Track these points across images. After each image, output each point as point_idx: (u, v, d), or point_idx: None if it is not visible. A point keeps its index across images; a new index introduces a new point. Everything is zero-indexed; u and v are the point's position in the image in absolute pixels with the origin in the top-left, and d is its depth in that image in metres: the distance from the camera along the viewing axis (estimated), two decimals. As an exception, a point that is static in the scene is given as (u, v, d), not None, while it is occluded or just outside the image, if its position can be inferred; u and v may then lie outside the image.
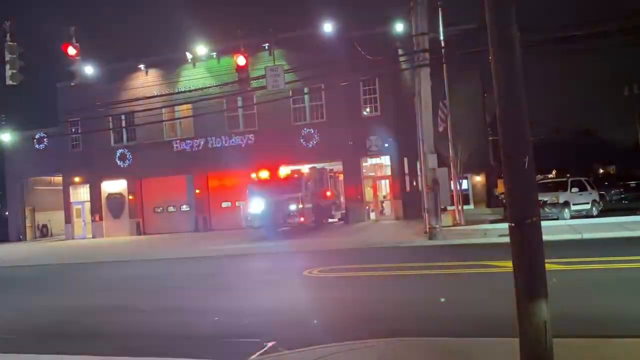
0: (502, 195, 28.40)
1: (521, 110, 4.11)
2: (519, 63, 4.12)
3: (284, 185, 21.74)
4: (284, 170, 22.41)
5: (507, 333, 4.89)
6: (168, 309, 9.48)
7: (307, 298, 9.47)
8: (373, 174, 28.63)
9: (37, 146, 33.11)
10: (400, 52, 23.66)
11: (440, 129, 21.24)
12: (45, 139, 32.55)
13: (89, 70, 24.64)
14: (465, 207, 24.37)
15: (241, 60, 17.13)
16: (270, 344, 6.44)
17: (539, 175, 32.56)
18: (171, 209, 30.09)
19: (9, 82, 14.54)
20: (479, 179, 35.25)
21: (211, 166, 28.43)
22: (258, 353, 6.10)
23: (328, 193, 25.38)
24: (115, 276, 15.14)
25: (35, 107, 29.17)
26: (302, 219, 21.39)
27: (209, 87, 24.41)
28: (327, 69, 23.45)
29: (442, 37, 21.22)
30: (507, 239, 4.29)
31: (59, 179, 33.35)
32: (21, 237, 34.59)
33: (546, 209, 20.35)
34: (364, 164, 27.75)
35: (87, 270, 17.15)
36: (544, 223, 4.32)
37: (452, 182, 22.38)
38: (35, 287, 14.03)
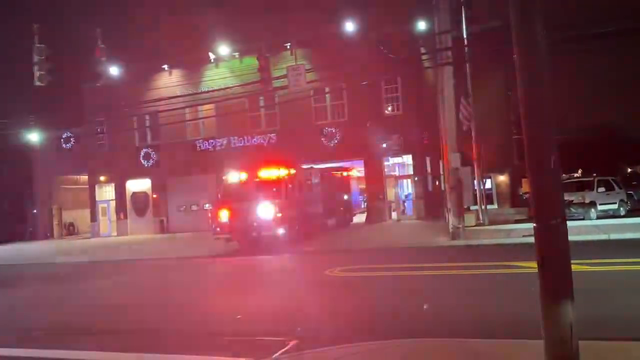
0: (527, 195, 28.00)
1: (546, 108, 4.05)
2: (544, 61, 4.06)
3: (262, 190, 18.27)
4: (262, 172, 18.89)
5: (531, 335, 4.83)
6: (190, 306, 9.58)
7: (329, 297, 9.49)
8: (395, 173, 28.50)
9: (64, 146, 33.73)
10: (422, 50, 23.53)
11: (464, 127, 21.04)
12: (71, 139, 33.15)
13: (114, 71, 25.18)
14: (488, 206, 24.07)
15: (263, 60, 17.21)
16: (292, 343, 6.46)
17: (564, 175, 32.02)
18: (194, 207, 30.36)
19: (37, 83, 14.87)
20: (502, 178, 34.77)
21: (234, 165, 28.58)
22: (280, 351, 6.12)
23: (320, 197, 22.28)
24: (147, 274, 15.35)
25: (63, 107, 29.73)
26: (279, 230, 17.59)
27: (232, 87, 24.58)
28: (348, 68, 23.45)
29: (465, 35, 21.03)
30: (531, 239, 4.24)
31: (85, 178, 33.95)
32: (48, 234, 35.30)
33: (572, 209, 20.00)
34: (386, 163, 27.63)
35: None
36: (569, 223, 4.24)
37: (475, 181, 22.18)
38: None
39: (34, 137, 29.79)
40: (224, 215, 18.22)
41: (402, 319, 7.46)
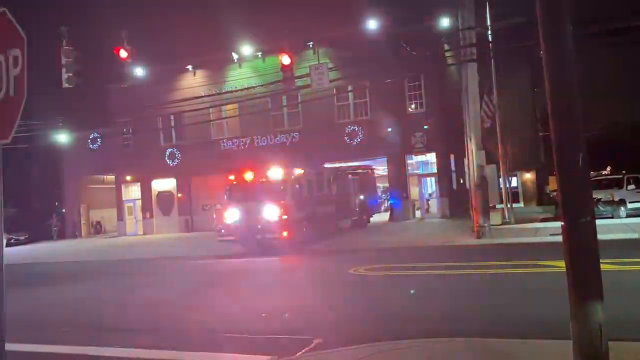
0: (554, 193, 27.53)
1: (574, 105, 3.97)
2: (572, 57, 3.98)
3: (267, 191, 17.63)
4: (268, 172, 18.23)
5: (559, 335, 4.74)
6: (215, 305, 9.67)
7: (353, 296, 9.48)
8: (418, 171, 28.31)
9: (91, 146, 34.34)
10: (446, 47, 23.31)
11: (487, 125, 20.79)
12: (98, 139, 33.74)
13: (139, 72, 25.48)
14: (514, 205, 23.77)
15: (286, 60, 17.24)
16: (316, 341, 6.47)
17: (592, 172, 31.38)
18: (219, 206, 30.61)
19: (65, 85, 15.17)
20: (529, 176, 34.30)
21: (257, 165, 28.76)
22: (305, 350, 6.14)
23: (333, 197, 21.42)
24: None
25: (90, 108, 30.27)
26: (284, 232, 16.92)
27: (255, 87, 24.73)
28: (371, 66, 23.38)
29: (489, 32, 20.77)
30: (559, 238, 4.16)
31: (111, 177, 34.55)
32: (77, 233, 36.01)
33: (600, 207, 19.58)
34: (409, 161, 27.47)
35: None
36: (598, 221, 4.16)
37: (501, 179, 21.91)
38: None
39: (62, 138, 30.43)
40: (228, 217, 17.89)
41: (428, 318, 7.40)
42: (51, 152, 34.43)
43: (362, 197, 24.90)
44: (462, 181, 28.36)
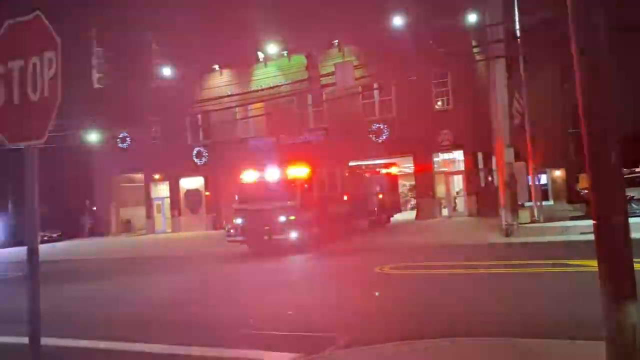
0: (584, 191, 26.94)
1: (607, 100, 3.88)
2: (605, 50, 3.88)
3: (276, 191, 17.35)
4: (277, 172, 17.96)
5: (591, 335, 4.65)
6: (241, 303, 9.76)
7: (380, 295, 9.45)
8: (445, 169, 28.05)
9: (121, 145, 34.95)
10: (473, 43, 23.03)
11: (517, 121, 20.46)
12: (128, 139, 34.32)
13: (167, 72, 25.93)
14: (544, 203, 23.31)
15: (311, 58, 17.28)
16: (343, 339, 6.48)
17: (625, 170, 30.60)
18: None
19: (96, 85, 15.51)
20: (558, 173, 33.59)
21: (283, 163, 28.90)
22: (331, 348, 6.15)
23: (348, 196, 20.69)
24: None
25: (120, 108, 30.86)
26: (292, 234, 16.58)
27: (280, 86, 24.85)
28: (397, 63, 23.24)
29: (517, 27, 20.42)
30: (590, 237, 4.08)
31: (140, 176, 35.12)
32: (107, 231, 36.70)
33: (633, 205, 19.08)
34: (435, 159, 27.23)
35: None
36: (631, 220, 4.05)
37: (529, 176, 21.54)
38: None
39: (93, 137, 31.11)
40: (237, 217, 17.74)
41: (457, 317, 7.34)
42: (83, 152, 35.16)
43: (381, 196, 24.06)
44: (490, 179, 27.95)
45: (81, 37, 15.46)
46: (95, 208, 38.02)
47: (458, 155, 26.55)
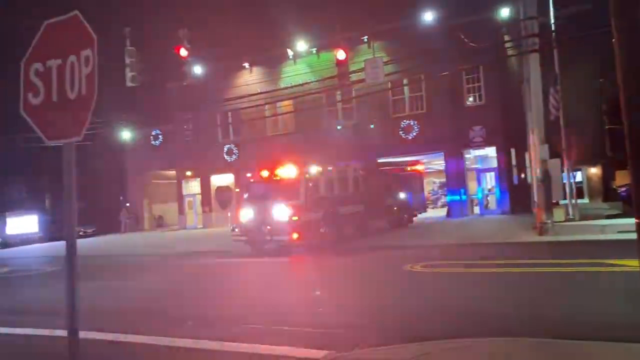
0: (621, 189, 26.21)
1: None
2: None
3: (280, 190, 16.99)
4: (280, 171, 17.51)
5: (631, 337, 4.51)
6: (271, 299, 9.80)
7: (409, 293, 9.38)
8: (477, 166, 27.65)
9: (153, 143, 35.60)
10: (506, 37, 22.61)
11: (552, 117, 20.01)
12: (160, 136, 34.92)
13: (198, 70, 26.20)
14: (579, 201, 22.78)
15: (341, 55, 17.23)
16: (374, 337, 6.44)
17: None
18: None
19: (129, 83, 15.80)
20: (594, 170, 32.84)
21: (312, 160, 28.96)
22: (361, 345, 6.12)
23: (361, 194, 19.94)
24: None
25: (152, 106, 31.42)
26: (295, 234, 16.10)
27: (309, 83, 24.86)
28: (427, 59, 22.97)
29: (552, 20, 19.95)
30: (628, 236, 3.96)
31: (172, 173, 35.70)
32: (140, 227, 37.43)
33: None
34: (467, 156, 26.85)
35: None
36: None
37: (564, 174, 21.06)
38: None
39: (127, 135, 31.74)
40: (242, 216, 17.57)
41: (491, 317, 7.22)
42: (117, 149, 35.92)
43: (402, 194, 22.83)
44: (523, 176, 27.47)
45: (114, 35, 15.78)
46: (128, 204, 38.79)
47: (490, 152, 26.11)
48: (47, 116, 3.65)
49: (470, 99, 25.92)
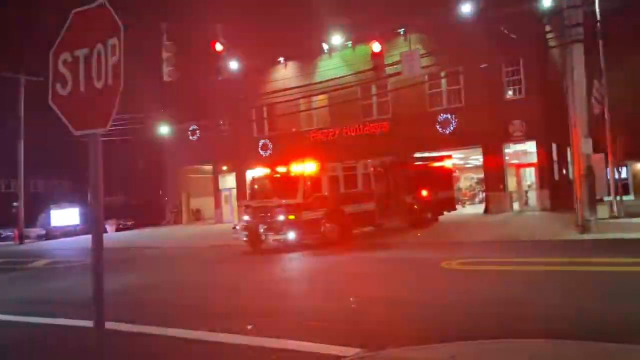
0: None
1: None
2: None
3: (280, 188, 17.02)
4: (280, 169, 17.63)
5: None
6: (303, 295, 9.72)
7: (445, 291, 9.13)
8: (517, 161, 26.92)
9: (190, 137, 36.04)
10: (548, 28, 21.85)
11: (596, 111, 19.27)
12: (197, 131, 35.32)
13: (234, 65, 26.38)
14: (624, 197, 21.92)
15: (376, 47, 17.00)
16: (406, 335, 6.27)
17: None
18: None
19: (166, 78, 15.95)
20: (641, 166, 31.51)
21: (346, 155, 28.81)
22: (395, 344, 5.95)
23: (373, 192, 19.13)
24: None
25: (189, 101, 31.79)
26: (290, 234, 16.05)
27: (344, 77, 24.65)
28: (466, 51, 22.43)
29: (597, 9, 19.19)
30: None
31: (209, 167, 36.11)
32: (178, 220, 38.03)
33: None
34: (506, 151, 26.15)
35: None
36: None
37: (609, 169, 20.29)
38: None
39: (165, 129, 32.27)
40: (244, 213, 17.68)
41: (532, 317, 6.94)
42: (156, 143, 36.60)
43: (425, 192, 21.25)
44: (564, 171, 26.63)
45: (151, 30, 15.99)
46: (167, 198, 39.50)
47: (530, 146, 25.34)
48: (74, 107, 3.63)
49: (510, 92, 25.20)
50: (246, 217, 17.37)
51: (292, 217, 16.08)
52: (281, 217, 16.17)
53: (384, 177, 19.94)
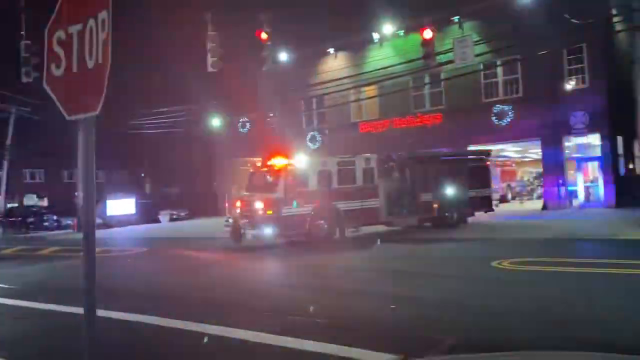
0: None
1: None
2: None
3: (266, 182, 16.44)
4: (266, 162, 17.04)
5: None
6: (345, 293, 9.29)
7: (496, 294, 8.46)
8: (578, 155, 25.39)
9: (241, 130, 36.20)
10: (614, 11, 20.36)
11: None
12: (247, 123, 35.43)
13: (283, 56, 26.18)
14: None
15: (427, 34, 16.22)
16: (448, 342, 5.73)
17: None
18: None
19: (210, 69, 15.83)
20: None
21: (396, 148, 28.07)
22: (434, 351, 5.43)
23: (375, 189, 17.93)
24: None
25: (239, 93, 31.91)
26: (267, 229, 15.49)
27: (394, 65, 23.95)
28: (524, 38, 21.23)
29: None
30: None
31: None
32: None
33: None
34: (567, 144, 24.69)
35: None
36: None
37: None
38: None
39: (216, 122, 32.56)
40: (235, 207, 17.23)
41: (590, 324, 6.25)
42: (209, 136, 37.08)
43: (449, 190, 19.11)
44: (631, 166, 24.90)
45: (196, 19, 15.98)
46: (217, 189, 40.02)
47: (593, 139, 23.78)
48: (67, 89, 3.34)
49: (572, 81, 23.70)
50: (235, 211, 17.00)
51: (270, 212, 15.52)
52: (260, 212, 15.70)
53: (395, 173, 18.76)
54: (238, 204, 16.85)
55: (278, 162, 16.48)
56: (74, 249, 20.56)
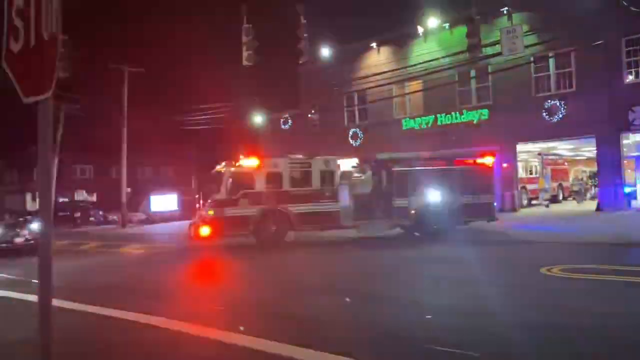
0: None
1: None
2: None
3: (217, 184, 16.47)
4: (221, 164, 17.05)
5: None
6: (375, 298, 8.70)
7: (544, 304, 7.65)
8: (637, 153, 23.73)
9: (282, 127, 36.00)
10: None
11: None
12: (288, 120, 35.21)
13: (325, 51, 25.72)
14: None
15: (472, 25, 15.34)
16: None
17: None
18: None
19: (245, 63, 15.51)
20: None
21: (440, 145, 27.06)
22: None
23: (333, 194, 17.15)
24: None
25: (278, 89, 31.75)
26: (204, 231, 15.58)
27: (438, 59, 23.05)
28: (578, 29, 19.95)
29: None
30: None
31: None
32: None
33: None
34: (626, 141, 23.10)
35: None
36: None
37: None
38: None
39: (257, 118, 32.43)
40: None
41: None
42: (250, 133, 37.06)
43: (434, 196, 17.29)
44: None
45: (232, 13, 15.72)
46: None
47: (655, 136, 22.15)
48: (25, 65, 2.91)
49: (632, 74, 22.12)
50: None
51: (211, 212, 15.66)
52: (203, 213, 16.04)
53: (367, 176, 18.11)
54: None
55: (247, 162, 16.38)
56: (114, 245, 20.84)
